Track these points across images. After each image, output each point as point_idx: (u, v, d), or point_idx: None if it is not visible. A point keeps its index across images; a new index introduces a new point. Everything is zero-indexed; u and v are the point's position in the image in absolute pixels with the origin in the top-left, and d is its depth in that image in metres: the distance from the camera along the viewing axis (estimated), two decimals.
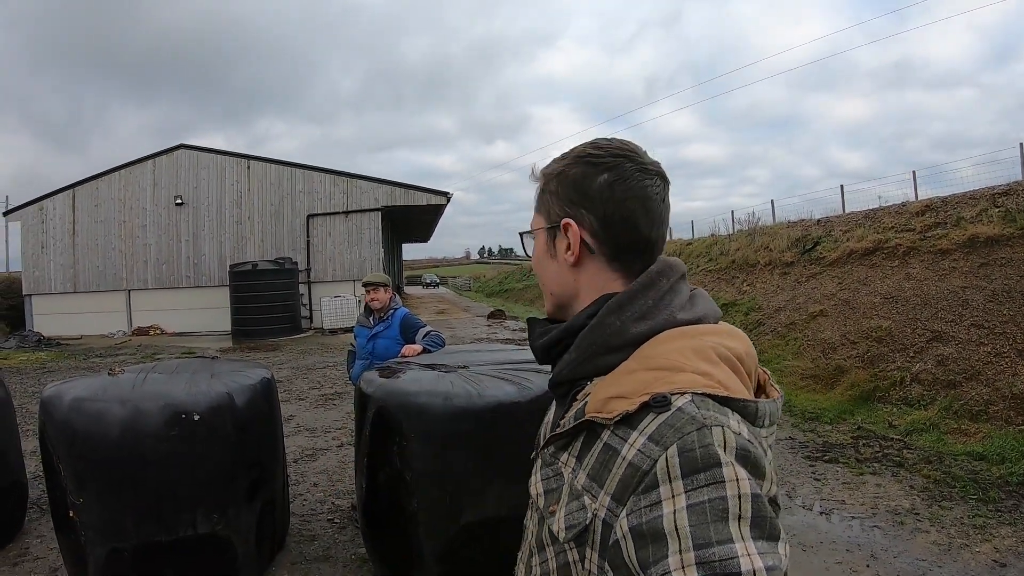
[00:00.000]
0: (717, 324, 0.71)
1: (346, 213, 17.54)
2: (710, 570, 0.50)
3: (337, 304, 16.14)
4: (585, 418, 0.65)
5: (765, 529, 0.53)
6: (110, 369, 3.01)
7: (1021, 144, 11.09)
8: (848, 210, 12.91)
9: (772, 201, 16.54)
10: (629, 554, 0.55)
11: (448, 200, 18.34)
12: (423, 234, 31.37)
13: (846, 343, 7.30)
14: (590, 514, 0.62)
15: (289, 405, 6.92)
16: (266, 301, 15.23)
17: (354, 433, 2.97)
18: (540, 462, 0.75)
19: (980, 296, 6.46)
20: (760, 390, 0.72)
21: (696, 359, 0.63)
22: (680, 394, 0.59)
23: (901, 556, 3.17)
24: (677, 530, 0.52)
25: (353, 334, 3.90)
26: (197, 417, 2.56)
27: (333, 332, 15.70)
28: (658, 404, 0.59)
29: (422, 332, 3.51)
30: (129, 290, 17.58)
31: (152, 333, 17.04)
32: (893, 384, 6.12)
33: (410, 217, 21.60)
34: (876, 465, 4.53)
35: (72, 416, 2.50)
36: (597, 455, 0.63)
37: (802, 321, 8.50)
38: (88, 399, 2.55)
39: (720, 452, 0.55)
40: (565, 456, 0.69)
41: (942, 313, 6.62)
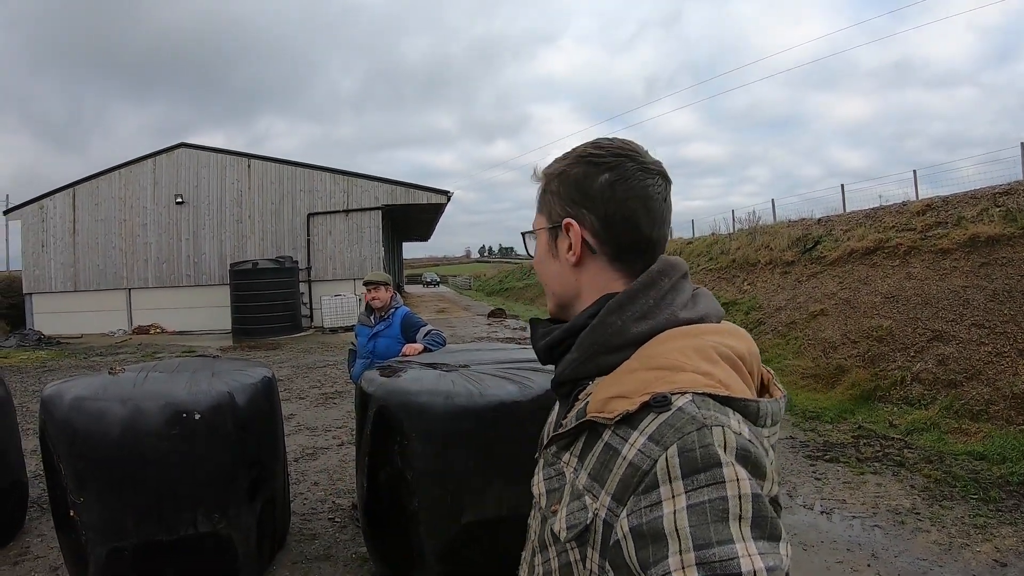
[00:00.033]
0: (719, 323, 0.71)
1: (346, 212, 17.53)
2: (710, 570, 0.50)
3: (337, 303, 16.14)
4: (586, 418, 0.65)
5: (766, 529, 0.53)
6: (111, 368, 3.01)
7: (1022, 143, 11.06)
8: (849, 209, 12.88)
9: (773, 200, 16.58)
10: (630, 554, 0.55)
11: (448, 199, 18.34)
12: (423, 233, 31.37)
13: (847, 342, 7.30)
14: (591, 514, 0.62)
15: (290, 404, 6.92)
16: (266, 300, 15.21)
17: (355, 432, 2.97)
18: (543, 462, 0.75)
19: (981, 296, 6.46)
20: (763, 389, 0.71)
21: (697, 358, 0.63)
22: (681, 394, 0.59)
23: (902, 555, 3.17)
24: (677, 530, 0.52)
25: (354, 333, 3.90)
26: (198, 416, 2.56)
27: (333, 331, 15.70)
28: (658, 404, 0.59)
29: (423, 331, 3.51)
30: (129, 289, 17.58)
31: (152, 332, 17.05)
32: (894, 384, 6.12)
33: (410, 216, 21.60)
34: (877, 464, 4.53)
35: (73, 415, 2.50)
36: (598, 455, 0.63)
37: (803, 320, 8.49)
38: (89, 398, 2.55)
39: (720, 452, 0.55)
40: (567, 456, 0.69)
41: (943, 313, 6.62)
